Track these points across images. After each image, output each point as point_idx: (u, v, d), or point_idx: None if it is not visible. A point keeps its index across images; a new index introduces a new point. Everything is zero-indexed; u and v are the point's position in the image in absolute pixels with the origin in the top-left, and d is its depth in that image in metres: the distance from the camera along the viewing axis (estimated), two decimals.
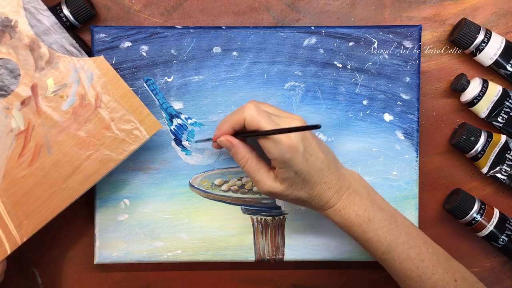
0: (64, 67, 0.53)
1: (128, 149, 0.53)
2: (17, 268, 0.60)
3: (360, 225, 0.49)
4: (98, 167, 0.53)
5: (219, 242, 0.58)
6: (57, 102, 0.52)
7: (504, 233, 0.58)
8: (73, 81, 0.52)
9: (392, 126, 0.58)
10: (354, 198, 0.50)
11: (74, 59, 0.53)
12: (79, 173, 0.53)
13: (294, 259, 0.59)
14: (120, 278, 0.61)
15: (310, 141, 0.48)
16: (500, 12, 0.60)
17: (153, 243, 0.58)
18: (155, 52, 0.57)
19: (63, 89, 0.52)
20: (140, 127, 0.53)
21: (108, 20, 0.59)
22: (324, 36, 0.57)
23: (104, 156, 0.53)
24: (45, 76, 0.52)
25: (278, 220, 0.59)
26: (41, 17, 0.52)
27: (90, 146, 0.53)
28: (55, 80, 0.52)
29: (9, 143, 0.52)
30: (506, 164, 0.59)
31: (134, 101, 0.53)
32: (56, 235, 0.60)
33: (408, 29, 0.57)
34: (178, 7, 0.59)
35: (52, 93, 0.52)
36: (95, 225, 0.58)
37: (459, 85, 0.58)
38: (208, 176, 0.58)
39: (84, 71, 0.52)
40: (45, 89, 0.52)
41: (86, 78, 0.53)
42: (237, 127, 0.49)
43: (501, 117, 0.58)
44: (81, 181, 0.53)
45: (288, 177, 0.48)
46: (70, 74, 0.53)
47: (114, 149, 0.53)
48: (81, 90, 0.52)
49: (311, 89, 0.58)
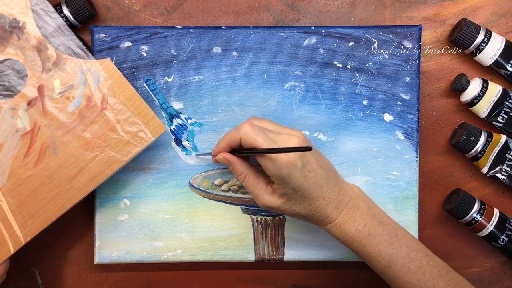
0: (71, 68, 0.53)
1: (133, 151, 0.53)
2: (17, 268, 0.60)
3: (360, 240, 0.50)
4: (103, 168, 0.53)
5: (219, 242, 0.58)
6: (64, 103, 0.53)
7: (504, 233, 0.58)
8: (79, 83, 0.53)
9: (392, 126, 0.58)
10: (354, 213, 0.50)
11: (81, 61, 0.53)
12: (84, 174, 0.53)
13: (294, 259, 0.59)
14: (120, 278, 0.61)
15: (309, 157, 0.48)
16: (500, 12, 0.60)
17: (153, 243, 0.58)
18: (155, 52, 0.57)
19: (69, 91, 0.53)
20: (145, 129, 0.53)
21: (108, 20, 0.59)
22: (324, 36, 0.57)
23: (109, 157, 0.53)
24: (52, 78, 0.53)
25: (278, 220, 0.59)
26: (49, 19, 0.53)
27: (96, 148, 0.53)
28: (62, 82, 0.53)
29: (14, 143, 0.52)
30: (506, 164, 0.59)
31: (140, 104, 0.53)
32: (56, 235, 0.60)
33: (408, 29, 0.57)
34: (178, 7, 0.59)
35: (59, 94, 0.53)
36: (95, 225, 0.58)
37: (459, 85, 0.58)
38: (208, 176, 0.58)
39: (91, 73, 0.53)
40: (51, 90, 0.53)
41: (93, 80, 0.53)
42: (234, 145, 0.50)
43: (501, 117, 0.58)
44: (86, 182, 0.53)
45: (286, 193, 0.48)
46: (76, 76, 0.53)
47: (119, 150, 0.53)
48: (88, 92, 0.53)
49: (311, 89, 0.58)
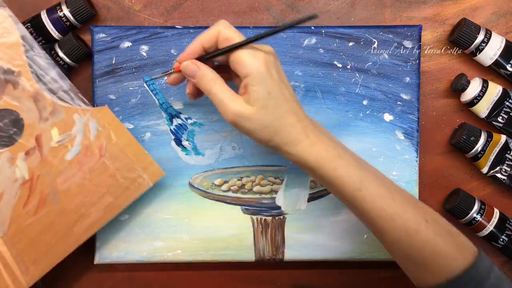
0: (69, 117, 0.53)
1: (131, 196, 0.54)
2: None
3: (330, 161, 0.46)
4: (102, 214, 0.54)
5: (219, 242, 0.58)
6: (62, 152, 0.53)
7: (504, 233, 0.58)
8: (77, 131, 0.53)
9: (392, 126, 0.58)
10: (322, 137, 0.47)
11: (79, 109, 0.53)
12: (84, 220, 0.53)
13: (294, 259, 0.59)
14: (120, 278, 0.61)
15: (281, 69, 0.47)
16: (500, 12, 0.60)
17: (153, 243, 0.58)
18: (155, 52, 0.57)
19: (67, 139, 0.53)
20: (144, 175, 0.54)
21: (108, 20, 0.59)
22: (324, 36, 0.57)
23: (109, 203, 0.54)
24: (49, 127, 0.53)
25: (278, 220, 0.59)
26: (45, 67, 0.52)
27: (95, 194, 0.53)
28: (60, 130, 0.53)
29: (14, 192, 0.53)
30: (506, 164, 0.59)
31: (138, 150, 0.53)
32: None
33: (408, 29, 0.57)
34: (178, 7, 0.59)
35: (57, 143, 0.53)
36: None
37: (459, 85, 0.58)
38: (208, 176, 0.58)
39: (89, 122, 0.53)
40: (49, 139, 0.53)
41: (91, 128, 0.53)
42: (208, 45, 0.47)
43: (501, 117, 0.58)
44: (86, 228, 0.54)
45: (260, 97, 0.45)
46: (74, 125, 0.53)
47: (118, 196, 0.54)
48: (86, 140, 0.53)
49: (311, 89, 0.58)
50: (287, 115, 0.46)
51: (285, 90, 0.46)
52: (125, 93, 0.57)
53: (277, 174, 0.58)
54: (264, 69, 0.44)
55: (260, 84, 0.44)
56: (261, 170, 0.58)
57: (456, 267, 0.45)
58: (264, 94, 0.45)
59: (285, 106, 0.46)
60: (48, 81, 0.52)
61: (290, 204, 0.58)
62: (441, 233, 0.46)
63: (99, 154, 0.53)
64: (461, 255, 0.46)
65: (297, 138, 0.46)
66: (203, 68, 0.47)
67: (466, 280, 0.45)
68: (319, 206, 0.59)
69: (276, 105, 0.45)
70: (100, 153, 0.53)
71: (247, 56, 0.45)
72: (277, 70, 0.46)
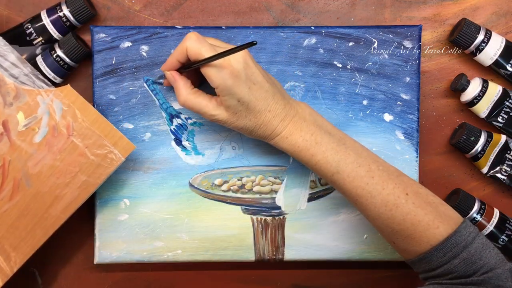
0: (32, 100, 0.53)
1: (105, 172, 0.54)
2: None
3: (308, 149, 0.50)
4: (77, 193, 0.54)
5: (219, 242, 0.58)
6: (30, 135, 0.53)
7: (504, 233, 0.58)
8: (43, 113, 0.53)
9: (392, 126, 0.58)
10: (300, 124, 0.50)
11: (41, 91, 0.53)
12: (59, 201, 0.54)
13: (294, 259, 0.59)
14: (120, 278, 0.61)
15: (253, 70, 0.48)
16: (500, 12, 0.60)
17: (153, 243, 0.58)
18: (155, 52, 0.57)
19: (34, 122, 0.53)
20: (114, 150, 0.53)
21: (108, 20, 0.59)
22: (324, 36, 0.57)
23: (82, 182, 0.54)
24: (14, 111, 0.53)
25: (278, 220, 0.59)
26: (4, 53, 0.52)
27: (67, 174, 0.53)
28: (25, 114, 0.53)
29: None
30: (506, 164, 0.59)
31: (106, 126, 0.53)
32: (56, 235, 0.60)
33: (408, 29, 0.57)
34: (178, 7, 0.59)
35: (24, 127, 0.53)
36: (95, 225, 0.58)
37: (459, 85, 0.58)
38: (208, 176, 0.58)
39: (53, 102, 0.53)
40: (16, 123, 0.53)
41: (55, 108, 0.53)
42: (182, 58, 0.50)
43: (501, 117, 0.58)
44: (63, 209, 0.54)
45: (231, 105, 0.49)
46: (39, 107, 0.53)
47: (91, 174, 0.54)
48: (52, 121, 0.53)
49: (311, 89, 0.58)
50: (260, 115, 0.49)
51: (256, 92, 0.49)
52: (125, 93, 0.57)
53: (277, 174, 0.58)
54: (230, 81, 0.47)
55: (228, 95, 0.48)
56: (261, 170, 0.58)
57: (439, 233, 0.48)
58: (234, 102, 0.48)
59: (258, 107, 0.49)
60: (9, 66, 0.53)
61: (290, 204, 0.59)
62: (421, 204, 0.49)
63: (67, 134, 0.53)
64: (443, 223, 0.48)
65: (274, 132, 0.50)
66: (178, 80, 0.51)
67: (450, 245, 0.48)
68: (319, 206, 0.59)
69: (248, 109, 0.49)
70: (68, 133, 0.53)
71: (212, 71, 0.47)
72: (248, 75, 0.48)
